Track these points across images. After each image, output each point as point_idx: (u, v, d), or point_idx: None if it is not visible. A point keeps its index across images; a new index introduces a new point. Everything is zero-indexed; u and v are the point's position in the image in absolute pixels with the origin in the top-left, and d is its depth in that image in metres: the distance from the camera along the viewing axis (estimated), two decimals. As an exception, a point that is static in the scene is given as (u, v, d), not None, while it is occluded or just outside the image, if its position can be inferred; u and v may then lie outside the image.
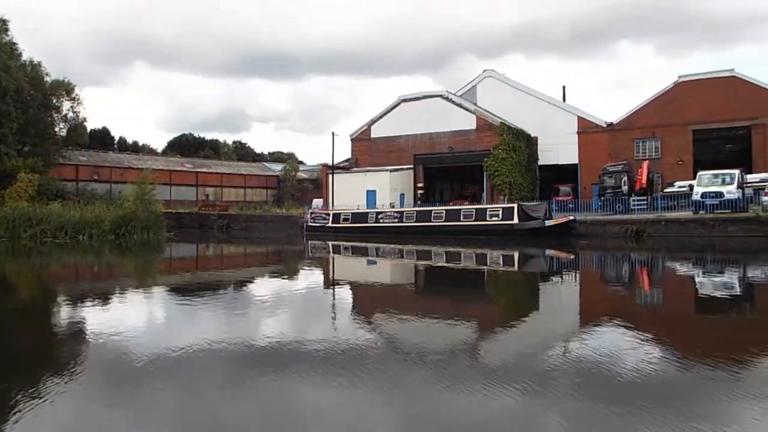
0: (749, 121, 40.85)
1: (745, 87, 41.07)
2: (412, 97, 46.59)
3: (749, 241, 25.49)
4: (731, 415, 5.70)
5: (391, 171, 44.82)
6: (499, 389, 6.53)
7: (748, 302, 13.45)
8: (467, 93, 49.50)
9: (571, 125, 46.58)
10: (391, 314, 11.67)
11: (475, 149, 43.21)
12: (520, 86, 48.93)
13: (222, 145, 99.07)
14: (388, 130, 47.22)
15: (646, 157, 42.49)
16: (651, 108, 44.11)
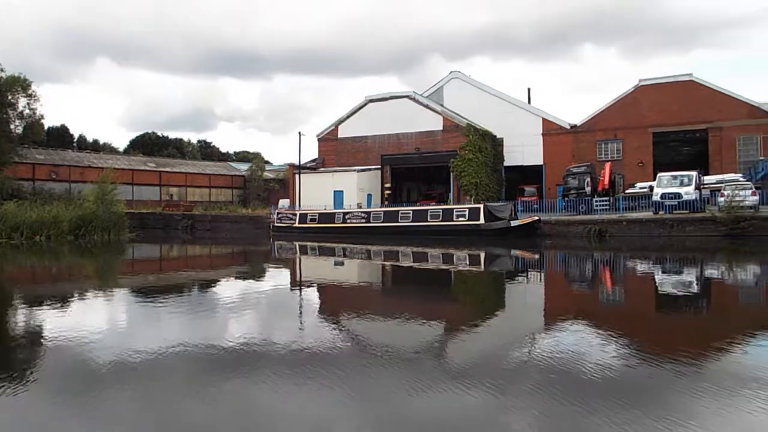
0: (706, 124, 42.13)
1: (703, 91, 42.34)
2: (379, 98, 46.61)
3: (706, 240, 26.26)
4: (692, 409, 5.82)
5: (359, 171, 44.75)
6: (466, 389, 6.54)
7: (705, 299, 13.83)
8: (434, 94, 49.80)
9: (536, 127, 47.28)
10: (358, 315, 11.62)
11: (441, 150, 43.47)
12: (487, 88, 49.46)
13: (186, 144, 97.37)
14: (356, 131, 47.14)
15: (609, 159, 43.42)
16: (613, 110, 45.09)
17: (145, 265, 24.74)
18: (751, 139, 41.30)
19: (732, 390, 6.36)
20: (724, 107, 41.61)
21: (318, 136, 49.61)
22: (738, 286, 15.57)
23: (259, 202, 60.67)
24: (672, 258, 22.56)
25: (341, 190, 44.12)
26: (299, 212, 40.01)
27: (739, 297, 13.99)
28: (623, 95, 45.11)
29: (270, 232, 39.75)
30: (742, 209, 26.46)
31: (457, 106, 47.24)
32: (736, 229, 25.83)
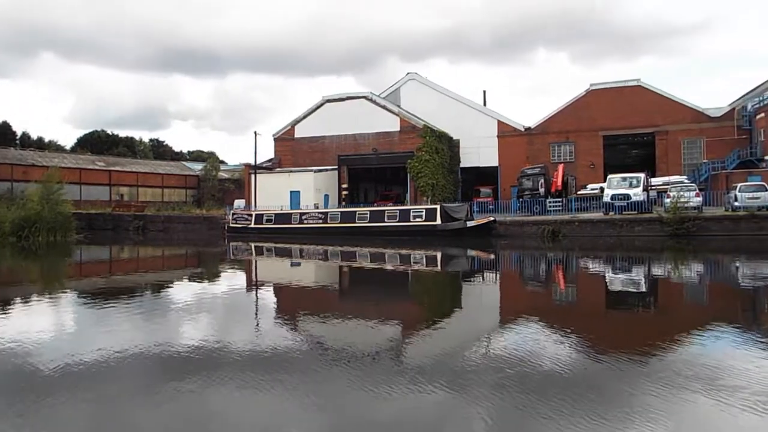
0: (653, 128, 43.64)
1: (650, 96, 43.86)
2: (336, 98, 46.45)
3: (653, 240, 27.15)
4: (639, 402, 5.97)
5: (315, 172, 44.48)
6: (422, 388, 6.55)
7: (652, 297, 14.28)
8: (391, 95, 49.96)
9: (491, 129, 48.01)
10: (315, 316, 11.51)
11: (398, 151, 43.63)
12: (443, 90, 49.94)
13: (138, 143, 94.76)
14: (312, 131, 46.84)
15: (561, 161, 44.47)
16: (565, 114, 46.20)
17: (93, 268, 23.92)
18: (694, 142, 43.01)
19: (679, 384, 6.55)
20: (669, 112, 43.21)
21: (274, 136, 49.07)
22: (682, 284, 16.15)
23: (214, 202, 59.52)
24: (621, 257, 23.23)
25: (298, 191, 43.75)
26: (255, 213, 39.47)
27: (684, 294, 14.50)
28: (575, 99, 46.28)
29: (225, 233, 39.08)
30: (686, 210, 27.49)
31: (414, 108, 47.52)
32: (681, 229, 26.80)
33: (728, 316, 11.26)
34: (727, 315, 11.48)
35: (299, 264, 24.49)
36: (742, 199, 27.99)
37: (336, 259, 25.16)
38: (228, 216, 40.90)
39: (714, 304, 13.24)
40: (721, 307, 12.69)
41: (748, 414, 5.64)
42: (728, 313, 11.72)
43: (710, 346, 8.61)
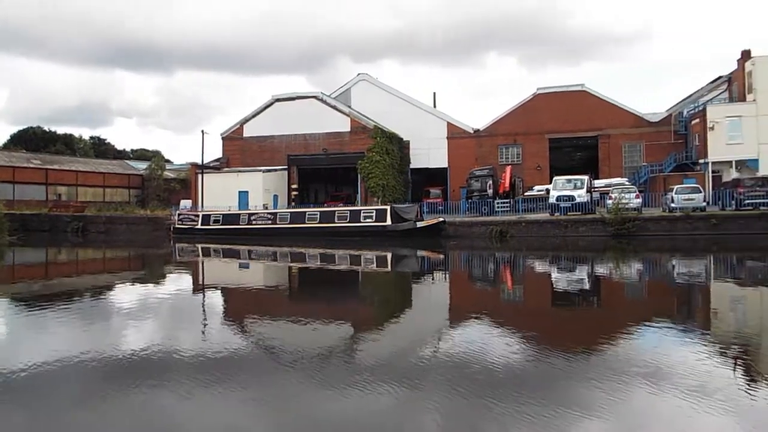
0: (596, 132, 45.11)
1: (593, 100, 45.32)
2: (286, 97, 45.96)
3: (596, 240, 28.02)
4: (585, 396, 6.13)
5: (264, 172, 43.86)
6: (374, 388, 6.52)
7: (595, 295, 14.73)
8: (342, 95, 49.80)
9: (441, 130, 48.51)
10: (264, 318, 11.32)
11: (349, 151, 43.53)
12: (394, 91, 50.14)
13: (77, 141, 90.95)
14: (262, 130, 46.17)
15: (509, 163, 45.36)
16: (513, 117, 47.18)
17: (28, 271, 22.81)
18: (635, 146, 44.70)
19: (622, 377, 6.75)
20: (612, 116, 44.76)
21: (222, 135, 48.12)
22: (623, 283, 16.72)
23: (159, 202, 57.78)
24: (567, 257, 23.86)
25: (246, 191, 43.04)
26: (202, 213, 38.57)
27: (625, 292, 15.01)
28: (522, 102, 47.32)
29: (171, 234, 38.01)
30: (627, 211, 28.49)
31: (364, 108, 47.51)
32: (622, 230, 27.76)
33: (666, 312, 11.74)
34: (665, 311, 11.96)
35: (248, 265, 24.08)
36: (678, 201, 29.22)
37: (286, 260, 24.86)
38: (174, 217, 39.81)
39: (653, 300, 13.75)
40: (659, 303, 13.20)
41: (686, 404, 5.88)
42: (666, 309, 12.21)
43: (650, 340, 8.92)
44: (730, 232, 26.69)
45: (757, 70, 38.01)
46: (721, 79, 44.52)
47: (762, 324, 10.74)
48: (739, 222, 27.28)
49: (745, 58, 39.90)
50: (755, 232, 26.27)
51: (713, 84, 45.04)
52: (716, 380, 6.67)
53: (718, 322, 10.87)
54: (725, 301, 13.49)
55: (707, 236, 26.57)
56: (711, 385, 6.44)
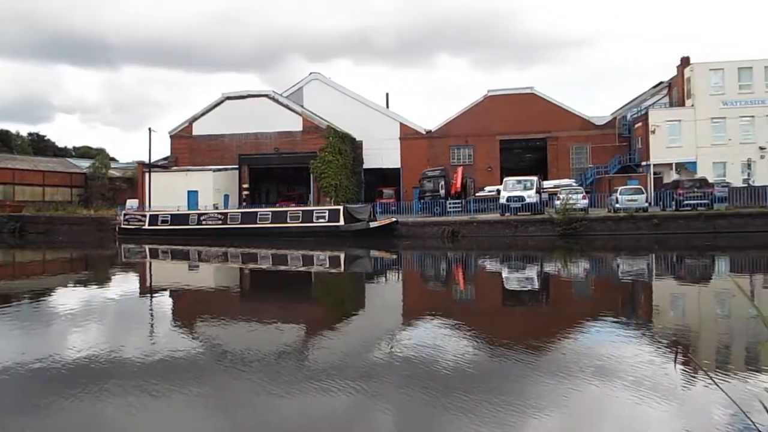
0: (545, 134, 46.21)
1: (542, 103, 46.42)
2: (237, 95, 45.19)
3: (545, 239, 28.68)
4: (535, 392, 6.25)
5: (215, 171, 42.99)
6: (328, 389, 6.47)
7: (544, 293, 15.07)
8: (294, 94, 49.33)
9: (394, 131, 48.70)
10: (215, 321, 11.08)
11: (301, 151, 43.16)
12: (347, 91, 50.03)
13: (14, 137, 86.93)
14: (212, 128, 45.21)
15: (461, 164, 45.93)
16: (464, 118, 47.80)
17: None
18: (582, 148, 46.02)
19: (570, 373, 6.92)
20: (560, 119, 45.95)
21: (171, 133, 46.88)
22: (571, 281, 17.17)
23: (104, 202, 55.77)
24: (517, 256, 24.33)
25: (196, 190, 42.07)
26: (149, 213, 37.49)
27: (572, 290, 15.42)
28: (473, 104, 48.01)
29: (116, 234, 36.80)
30: (574, 211, 29.28)
31: (317, 108, 47.19)
32: (570, 229, 28.51)
33: (611, 309, 12.12)
34: (611, 308, 12.35)
35: (198, 267, 23.55)
36: (622, 201, 30.25)
37: (237, 261, 24.44)
38: (119, 217, 38.57)
39: (599, 297, 14.17)
40: (605, 300, 13.62)
41: (630, 398, 6.07)
42: (611, 306, 12.61)
43: (596, 337, 9.19)
44: (670, 231, 27.79)
45: (695, 76, 39.75)
46: (662, 85, 46.35)
47: (699, 319, 11.23)
48: (679, 222, 28.44)
49: (684, 65, 41.66)
50: (693, 231, 27.44)
51: (655, 89, 46.85)
52: (658, 373, 6.91)
53: (659, 318, 11.30)
54: (666, 298, 14.03)
55: (649, 235, 27.58)
56: (654, 378, 6.67)
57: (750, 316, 9.52)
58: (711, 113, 38.81)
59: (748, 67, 38.90)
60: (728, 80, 39.00)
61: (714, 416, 5.62)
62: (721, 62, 39.45)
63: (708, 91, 39.13)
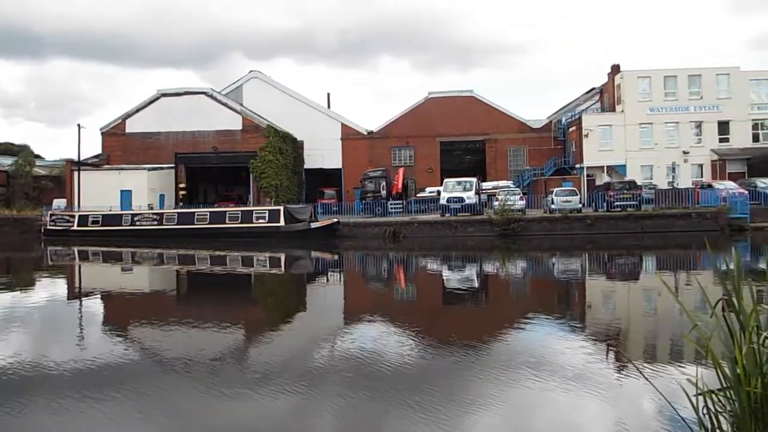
0: (483, 136, 47.19)
1: (481, 106, 47.41)
2: (174, 92, 43.83)
3: (484, 239, 29.27)
4: (475, 389, 6.33)
5: (149, 170, 41.53)
6: (271, 392, 6.34)
7: (484, 292, 15.35)
8: (233, 92, 48.33)
9: (335, 131, 48.54)
10: (149, 325, 10.68)
11: (241, 150, 42.33)
12: (288, 90, 49.47)
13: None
14: (147, 126, 43.65)
15: (402, 164, 46.26)
16: (405, 119, 48.20)
17: None
18: (519, 150, 47.28)
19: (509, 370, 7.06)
20: (498, 122, 47.07)
21: (102, 130, 44.91)
22: (509, 280, 17.58)
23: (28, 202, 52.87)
24: (457, 256, 24.71)
25: (129, 190, 40.49)
26: (78, 214, 35.85)
27: (510, 289, 15.79)
28: (414, 106, 48.48)
29: (42, 236, 34.98)
30: (512, 212, 30.03)
31: (257, 107, 46.39)
32: (508, 230, 29.22)
33: (548, 306, 12.47)
34: (547, 305, 12.71)
35: (131, 269, 22.68)
36: (557, 203, 31.27)
37: (173, 263, 23.70)
38: (45, 217, 36.67)
39: (536, 296, 14.57)
40: (541, 298, 14.01)
41: (566, 392, 6.25)
42: (547, 304, 12.98)
43: (534, 333, 9.42)
44: (602, 231, 28.93)
45: (624, 83, 41.58)
46: (594, 90, 48.22)
47: (629, 315, 11.71)
48: (610, 222, 29.65)
49: (614, 72, 43.51)
50: (623, 231, 28.67)
51: (588, 94, 48.70)
52: (592, 367, 7.15)
53: (593, 314, 11.72)
54: (598, 295, 14.57)
55: (583, 235, 28.62)
56: (588, 372, 6.90)
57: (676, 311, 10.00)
58: (639, 119, 40.73)
59: (673, 76, 41.06)
60: (655, 88, 41.04)
61: (644, 407, 5.86)
62: (649, 71, 41.49)
63: (636, 98, 41.05)
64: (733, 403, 3.50)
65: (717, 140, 40.56)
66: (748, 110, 40.65)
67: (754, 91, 41.07)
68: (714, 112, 40.47)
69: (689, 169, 40.20)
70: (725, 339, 3.61)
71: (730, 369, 3.44)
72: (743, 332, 3.51)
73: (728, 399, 3.56)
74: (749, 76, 41.12)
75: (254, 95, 48.39)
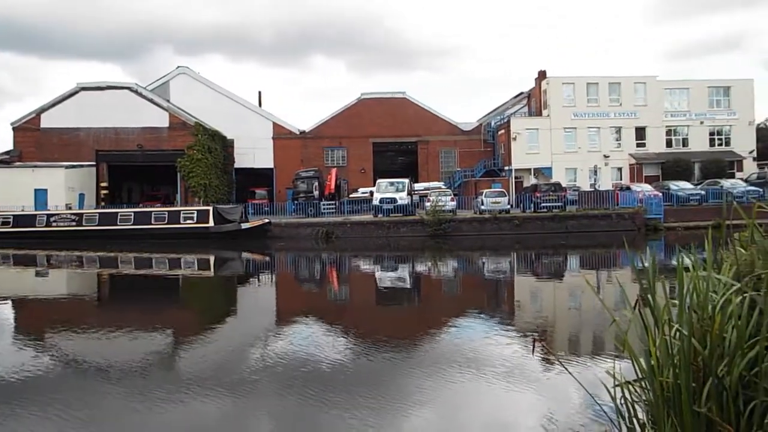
0: (415, 138, 47.75)
1: (413, 108, 47.96)
2: (95, 86, 41.74)
3: (416, 240, 29.61)
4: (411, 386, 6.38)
5: (67, 168, 39.35)
6: (200, 398, 6.15)
7: (416, 291, 15.53)
8: (159, 88, 46.59)
9: (267, 130, 47.76)
10: (68, 332, 10.12)
11: (167, 148, 40.85)
12: (217, 87, 48.21)
13: None
14: (65, 121, 41.33)
15: (334, 165, 46.11)
16: (338, 120, 48.08)
17: None
18: (450, 152, 48.16)
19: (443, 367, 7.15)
20: (429, 124, 47.77)
21: (13, 125, 42.15)
22: (441, 279, 17.87)
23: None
24: (389, 256, 24.86)
25: (45, 189, 38.19)
26: (-13, 214, 33.53)
27: (442, 288, 16.05)
28: (347, 106, 48.43)
29: (-56, 238, 32.46)
30: (443, 213, 30.53)
31: (185, 104, 44.93)
32: (439, 230, 29.70)
33: (478, 304, 12.76)
34: (477, 303, 13.01)
35: (47, 273, 21.43)
36: (487, 204, 32.06)
37: (94, 266, 22.59)
38: (-50, 218, 34.05)
39: (467, 294, 14.87)
40: (472, 297, 14.32)
41: (495, 388, 6.42)
42: (478, 302, 13.28)
43: (464, 332, 9.61)
44: (529, 231, 29.90)
45: (550, 89, 43.20)
46: (522, 95, 49.81)
47: (555, 312, 12.16)
48: (537, 222, 30.70)
49: (541, 78, 45.12)
50: (549, 231, 29.76)
51: (516, 99, 50.22)
52: (520, 362, 7.37)
53: (521, 311, 12.09)
54: (526, 293, 15.04)
55: (511, 235, 29.47)
56: (516, 367, 7.10)
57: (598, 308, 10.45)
58: (564, 123, 42.42)
59: (595, 83, 43.04)
60: (578, 94, 42.87)
61: (568, 399, 6.08)
62: (573, 77, 43.27)
63: (561, 103, 42.74)
64: (647, 392, 3.68)
65: (635, 145, 42.88)
66: (663, 117, 43.24)
67: (667, 100, 43.75)
68: (632, 118, 42.78)
69: (610, 172, 42.26)
70: (641, 333, 3.79)
71: (645, 361, 3.61)
72: (657, 326, 3.70)
73: (643, 389, 3.74)
74: (664, 85, 43.75)
75: (182, 92, 46.84)
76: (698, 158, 41.74)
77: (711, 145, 43.54)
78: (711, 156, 41.89)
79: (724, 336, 3.32)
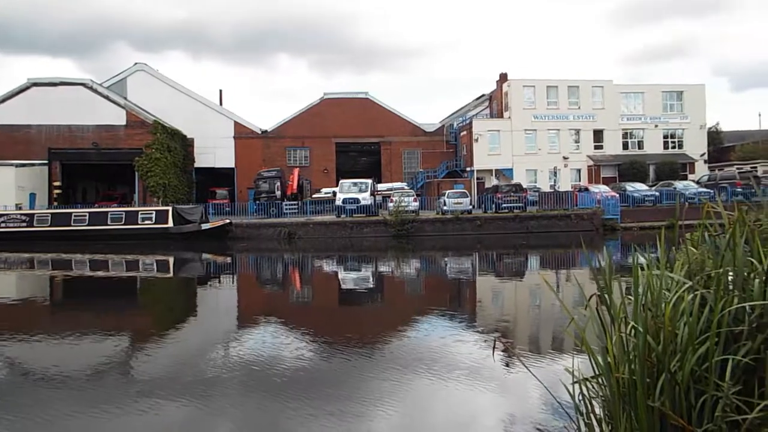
0: (378, 138, 47.84)
1: (376, 108, 48.04)
2: (47, 82, 40.41)
3: (380, 240, 29.64)
4: (373, 387, 6.37)
5: (17, 166, 37.97)
6: (159, 402, 6.01)
7: (379, 292, 15.53)
8: (116, 85, 45.45)
9: (228, 129, 47.13)
10: (17, 336, 9.74)
11: (125, 147, 39.87)
12: (177, 85, 47.32)
13: None
14: (14, 118, 39.85)
15: (297, 165, 45.81)
16: (301, 119, 47.79)
17: None
18: (413, 153, 48.42)
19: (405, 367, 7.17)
20: (392, 124, 47.93)
21: (-39, 122, 40.52)
22: (403, 279, 17.92)
23: None
24: (352, 257, 24.81)
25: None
26: (-70, 215, 32.06)
27: (405, 288, 16.10)
28: (310, 106, 48.19)
29: None
30: (406, 213, 30.66)
31: (143, 101, 43.93)
32: (402, 231, 29.81)
33: (440, 304, 12.84)
34: (439, 303, 13.09)
35: (-4, 275, 20.64)
36: (449, 204, 32.34)
37: (45, 269, 21.86)
38: None
39: (429, 294, 14.95)
40: (434, 296, 14.40)
41: (460, 386, 6.47)
42: (440, 302, 13.37)
43: (429, 332, 9.65)
44: (491, 232, 30.28)
45: (511, 91, 43.86)
46: (484, 97, 50.41)
47: (515, 311, 12.34)
48: (498, 223, 31.12)
49: (502, 80, 45.77)
50: (510, 231, 30.20)
51: (478, 101, 50.80)
52: (482, 361, 7.44)
53: (482, 311, 12.22)
54: (487, 293, 15.21)
55: (473, 236, 29.79)
56: (478, 366, 7.17)
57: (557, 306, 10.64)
58: (524, 125, 43.15)
59: (555, 86, 43.91)
60: (539, 96, 43.68)
61: (528, 397, 6.17)
62: (533, 80, 44.04)
63: (522, 105, 43.47)
64: (604, 388, 3.76)
65: (593, 147, 43.93)
66: (619, 120, 44.42)
67: (623, 103, 44.97)
68: (590, 121, 43.81)
69: (569, 173, 43.19)
70: (598, 330, 3.87)
71: (602, 358, 3.68)
72: (613, 323, 3.79)
73: (601, 385, 3.82)
74: (620, 89, 44.96)
75: (140, 89, 45.80)
76: (653, 160, 43.04)
77: (665, 148, 44.98)
78: (665, 158, 43.27)
79: (676, 333, 3.41)
